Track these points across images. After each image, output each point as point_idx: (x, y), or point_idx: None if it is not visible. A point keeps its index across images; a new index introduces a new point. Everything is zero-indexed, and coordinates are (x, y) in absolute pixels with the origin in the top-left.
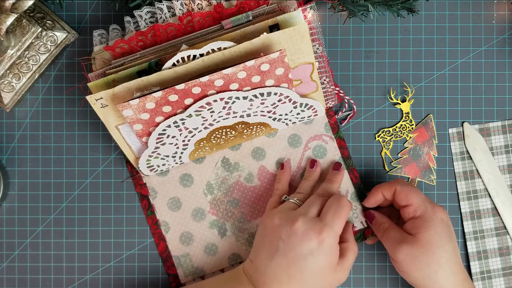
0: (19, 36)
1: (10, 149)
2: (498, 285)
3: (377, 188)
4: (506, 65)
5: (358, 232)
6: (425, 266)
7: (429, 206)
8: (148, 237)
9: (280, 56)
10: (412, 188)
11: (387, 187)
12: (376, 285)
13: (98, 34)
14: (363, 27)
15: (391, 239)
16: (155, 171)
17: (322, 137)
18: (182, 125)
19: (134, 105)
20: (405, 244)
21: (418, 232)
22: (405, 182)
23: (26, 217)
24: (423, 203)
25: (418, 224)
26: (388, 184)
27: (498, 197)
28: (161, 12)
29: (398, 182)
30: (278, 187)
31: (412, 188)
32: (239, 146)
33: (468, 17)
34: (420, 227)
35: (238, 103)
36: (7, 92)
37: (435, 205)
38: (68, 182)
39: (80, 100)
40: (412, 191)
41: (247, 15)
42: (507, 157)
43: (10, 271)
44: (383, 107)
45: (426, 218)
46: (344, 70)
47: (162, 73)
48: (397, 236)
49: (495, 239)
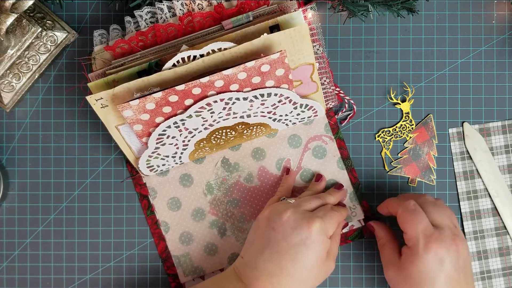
0: (19, 36)
1: (10, 149)
2: (498, 285)
3: (387, 202)
4: (506, 65)
5: (356, 231)
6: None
7: (423, 241)
8: (148, 237)
9: (280, 57)
10: (412, 216)
11: (393, 205)
12: (376, 285)
13: (98, 34)
14: (363, 27)
15: (384, 256)
16: (155, 171)
17: (322, 138)
18: (182, 125)
19: (134, 106)
20: (392, 268)
21: (405, 261)
22: (409, 207)
23: (26, 217)
24: (415, 236)
25: (408, 254)
26: (395, 203)
27: (498, 197)
28: (162, 12)
29: (402, 206)
30: (281, 190)
31: (411, 216)
32: (239, 147)
33: (468, 17)
34: (408, 258)
35: (238, 104)
36: (7, 92)
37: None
38: (68, 182)
39: (80, 100)
40: (408, 221)
41: (247, 16)
42: (507, 157)
43: (10, 271)
44: (383, 107)
45: (415, 252)
46: (344, 70)
47: (162, 73)
48: (389, 256)
49: (495, 239)
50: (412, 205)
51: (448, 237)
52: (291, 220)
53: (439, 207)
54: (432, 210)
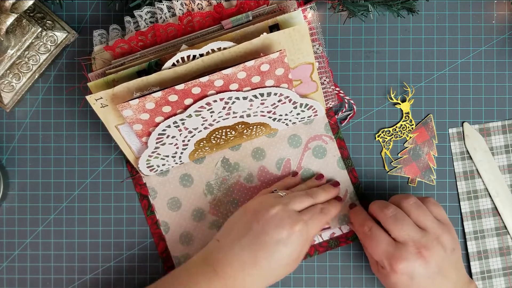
0: (19, 36)
1: (10, 149)
2: (498, 285)
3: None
4: (506, 65)
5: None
6: None
7: (387, 264)
8: (148, 237)
9: (280, 56)
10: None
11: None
12: (376, 285)
13: (98, 34)
14: (363, 27)
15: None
16: (155, 171)
17: (322, 138)
18: (182, 125)
19: (134, 105)
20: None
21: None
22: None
23: (26, 217)
24: (380, 260)
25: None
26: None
27: (498, 197)
28: (161, 12)
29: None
30: (277, 185)
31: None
32: (239, 146)
33: (468, 17)
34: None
35: (238, 103)
36: (7, 92)
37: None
38: (68, 182)
39: (80, 100)
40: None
41: (247, 15)
42: (507, 157)
43: (10, 271)
44: (383, 107)
45: (385, 271)
46: (344, 70)
47: (162, 73)
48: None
49: (495, 239)
50: (367, 231)
51: (411, 253)
52: (277, 217)
53: (420, 208)
54: (415, 213)
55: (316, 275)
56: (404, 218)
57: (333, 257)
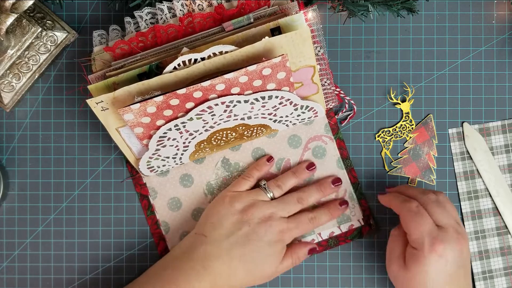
0: (19, 36)
1: (10, 149)
2: (499, 284)
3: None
4: (506, 65)
5: (355, 230)
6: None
7: (428, 243)
8: (148, 237)
9: (282, 60)
10: (416, 218)
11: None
12: (376, 285)
13: (98, 34)
14: (363, 27)
15: (392, 249)
16: (155, 171)
17: (322, 138)
18: (183, 128)
19: (135, 109)
20: (397, 263)
21: (409, 261)
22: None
23: (26, 217)
24: (420, 238)
25: (413, 254)
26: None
27: (499, 197)
28: (162, 12)
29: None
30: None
31: (415, 218)
32: (239, 147)
33: (468, 17)
34: (412, 258)
35: (239, 106)
36: (7, 92)
37: (436, 243)
38: (68, 182)
39: (80, 100)
40: (412, 223)
41: (248, 18)
42: (507, 157)
43: (10, 271)
44: (383, 107)
45: (420, 253)
46: (344, 70)
47: (163, 77)
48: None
49: (496, 238)
50: (415, 207)
51: (452, 238)
52: (266, 224)
53: (441, 206)
54: (436, 211)
55: (316, 275)
56: (445, 203)
57: (333, 257)
